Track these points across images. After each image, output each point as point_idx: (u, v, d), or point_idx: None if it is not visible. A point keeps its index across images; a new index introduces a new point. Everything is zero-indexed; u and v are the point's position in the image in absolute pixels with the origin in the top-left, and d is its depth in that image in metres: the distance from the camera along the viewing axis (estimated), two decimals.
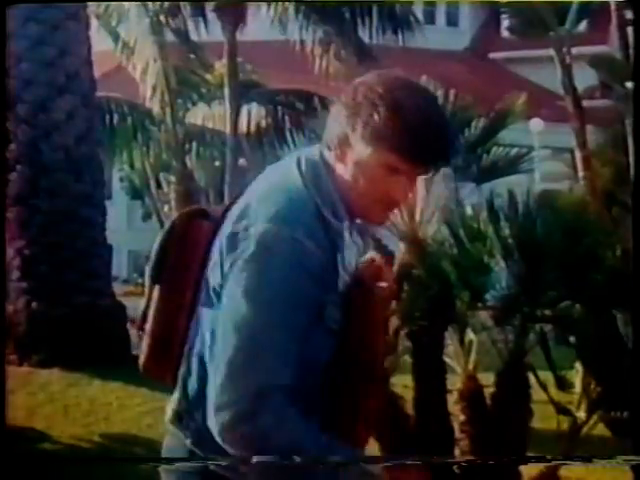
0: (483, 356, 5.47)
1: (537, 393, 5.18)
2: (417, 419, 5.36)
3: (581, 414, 4.99)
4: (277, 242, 1.97)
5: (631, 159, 9.53)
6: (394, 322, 5.40)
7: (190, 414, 2.10)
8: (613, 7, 10.14)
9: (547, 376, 5.20)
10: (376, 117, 2.00)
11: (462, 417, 5.31)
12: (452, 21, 24.99)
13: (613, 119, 10.69)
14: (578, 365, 4.93)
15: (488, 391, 5.39)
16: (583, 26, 17.13)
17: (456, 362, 5.46)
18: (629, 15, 10.18)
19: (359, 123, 2.02)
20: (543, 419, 5.17)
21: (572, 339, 5.07)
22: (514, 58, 22.06)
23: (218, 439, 1.97)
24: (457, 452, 5.21)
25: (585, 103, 11.44)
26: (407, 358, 5.49)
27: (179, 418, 2.14)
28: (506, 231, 5.33)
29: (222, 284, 2.03)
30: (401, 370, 5.46)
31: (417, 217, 6.14)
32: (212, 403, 1.97)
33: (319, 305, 2.01)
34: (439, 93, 6.45)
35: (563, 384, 5.13)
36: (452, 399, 5.40)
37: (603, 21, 12.32)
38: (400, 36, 13.01)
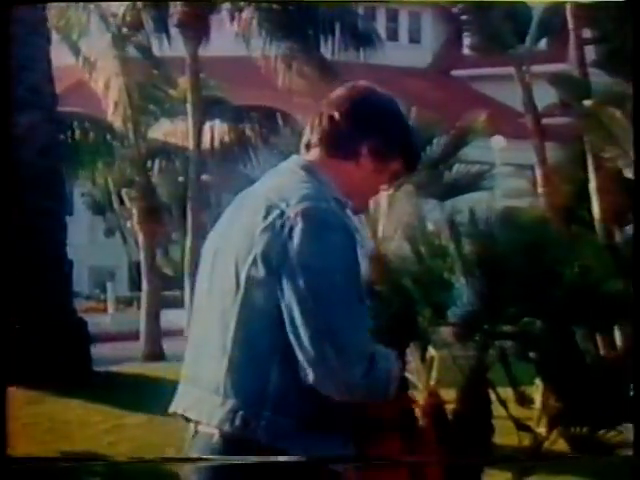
0: (444, 372, 5.49)
1: (498, 409, 5.21)
2: None
3: (541, 430, 5.02)
4: (321, 214, 2.17)
5: (591, 175, 9.65)
6: None
7: (257, 414, 2.15)
8: (571, 26, 10.28)
9: (507, 392, 5.23)
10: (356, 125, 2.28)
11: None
12: (414, 38, 25.20)
13: (572, 136, 10.82)
14: (538, 381, 4.97)
15: (450, 407, 5.41)
16: (543, 44, 17.36)
17: (417, 378, 5.47)
18: (587, 34, 10.32)
19: (360, 135, 2.29)
20: (504, 435, 5.19)
21: (532, 355, 5.11)
22: (476, 75, 22.28)
23: (351, 394, 2.15)
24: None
25: (545, 120, 11.57)
26: None
27: (245, 424, 2.16)
28: (467, 248, 5.36)
29: (274, 270, 2.13)
30: None
31: (379, 233, 6.17)
32: (329, 370, 2.11)
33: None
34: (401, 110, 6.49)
35: (523, 400, 5.16)
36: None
37: (562, 39, 12.46)
38: (362, 53, 13.10)
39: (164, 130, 13.63)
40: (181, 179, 13.78)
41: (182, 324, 12.05)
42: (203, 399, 2.23)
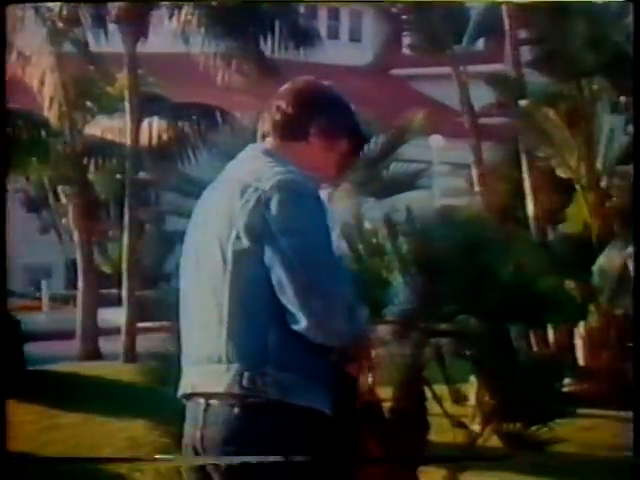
0: (382, 370, 5.52)
1: (434, 406, 5.26)
2: None
3: (475, 427, 5.08)
4: (293, 184, 2.38)
5: (525, 175, 9.76)
6: None
7: (262, 373, 2.33)
8: (508, 27, 10.39)
9: (443, 390, 5.28)
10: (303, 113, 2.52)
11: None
12: (355, 37, 25.26)
13: (508, 136, 10.95)
14: (473, 378, 5.03)
15: (387, 405, 5.44)
16: (480, 45, 17.52)
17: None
18: (523, 34, 10.45)
19: (307, 118, 2.51)
20: (439, 432, 5.24)
21: (468, 352, 5.16)
22: (415, 75, 22.41)
23: (338, 339, 2.33)
24: None
25: (482, 120, 11.68)
26: None
27: (252, 383, 2.33)
28: (404, 246, 5.40)
29: (256, 239, 2.34)
30: None
31: None
32: (328, 319, 2.30)
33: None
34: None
35: (458, 397, 5.22)
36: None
37: (499, 40, 12.59)
38: (302, 51, 13.08)
39: (101, 127, 13.46)
40: (118, 176, 13.64)
41: (119, 322, 11.93)
42: (208, 372, 2.39)
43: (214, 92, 13.10)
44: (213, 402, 2.37)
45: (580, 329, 8.37)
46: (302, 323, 2.31)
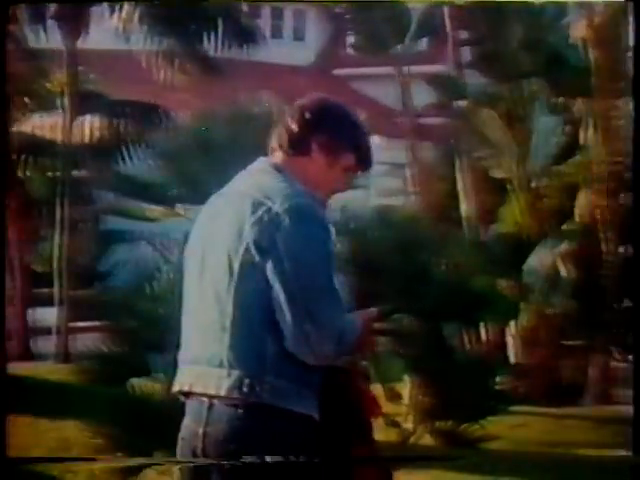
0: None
1: None
2: None
3: (409, 425, 5.11)
4: (304, 210, 2.53)
5: (460, 175, 9.84)
6: None
7: (260, 380, 2.51)
8: (449, 28, 10.48)
9: (377, 388, 5.30)
10: (318, 129, 2.66)
11: None
12: (299, 36, 25.26)
13: (446, 136, 11.03)
14: (407, 377, 5.05)
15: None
16: (423, 45, 17.63)
17: None
18: (464, 35, 10.54)
19: (309, 134, 2.65)
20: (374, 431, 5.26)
21: (402, 351, 5.19)
22: (357, 75, 22.46)
23: (325, 361, 2.48)
24: None
25: (421, 120, 11.75)
26: None
27: (251, 389, 2.51)
28: (339, 245, 5.41)
29: (264, 256, 2.50)
30: None
31: None
32: (322, 341, 2.46)
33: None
34: (282, 108, 6.48)
35: (392, 396, 5.25)
36: None
37: (441, 41, 12.68)
38: (246, 49, 13.03)
39: (37, 124, 13.27)
40: (52, 174, 13.45)
41: (51, 322, 11.77)
42: (207, 374, 2.56)
43: (155, 90, 12.99)
44: (216, 401, 2.53)
45: (512, 328, 8.45)
46: (294, 345, 2.48)
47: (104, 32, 12.67)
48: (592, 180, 9.25)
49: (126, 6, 12.55)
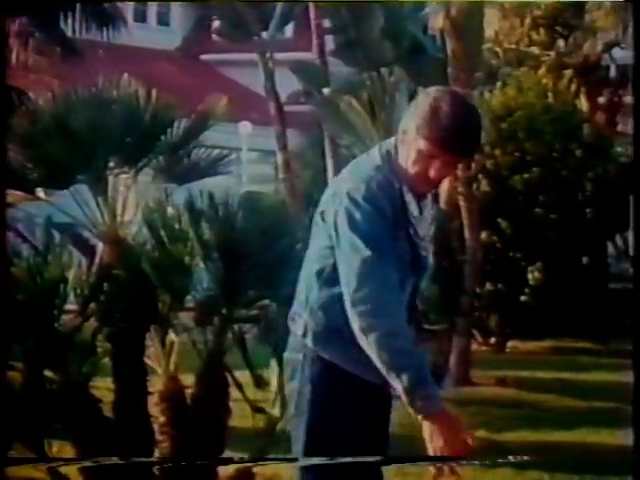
0: (184, 357, 5.49)
1: (235, 392, 5.27)
2: (117, 422, 5.28)
3: (275, 411, 5.13)
4: (359, 195, 2.88)
5: (329, 161, 9.93)
6: (92, 323, 5.30)
7: (300, 315, 3.02)
8: (313, 16, 10.53)
9: (245, 375, 5.30)
10: (426, 118, 2.91)
11: (162, 418, 5.29)
12: (163, 21, 24.88)
13: (313, 123, 11.10)
14: (274, 363, 5.06)
15: (189, 392, 5.41)
16: (289, 33, 17.66)
17: (157, 364, 5.43)
18: (327, 24, 10.61)
19: (416, 121, 2.93)
20: (241, 418, 5.26)
21: (269, 338, 5.20)
22: (224, 61, 22.33)
23: (355, 324, 2.84)
24: (157, 454, 5.19)
25: (288, 107, 11.79)
26: (107, 361, 5.39)
27: (292, 320, 3.07)
28: (207, 232, 5.37)
29: (335, 229, 2.92)
30: (101, 373, 5.36)
31: (118, 217, 6.04)
32: (350, 299, 2.85)
33: (392, 236, 2.90)
34: (141, 92, 6.36)
35: (260, 383, 5.25)
36: (153, 401, 5.37)
37: (306, 28, 12.73)
38: (105, 32, 12.73)
39: None
40: None
41: None
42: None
43: (10, 72, 12.56)
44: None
45: None
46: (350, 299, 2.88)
47: None
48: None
49: None
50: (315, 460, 2.80)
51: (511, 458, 5.63)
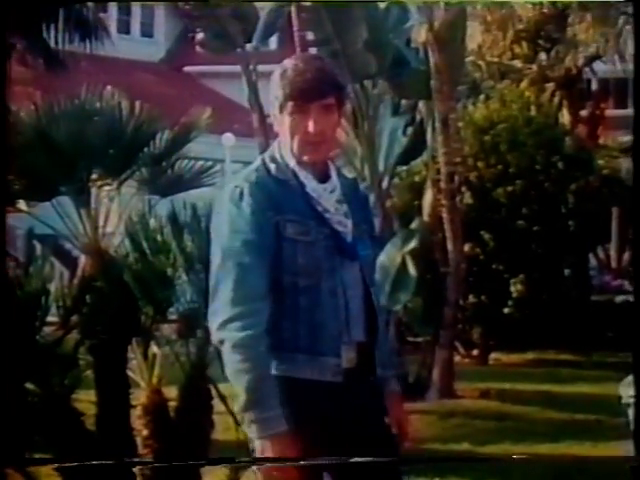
0: (167, 370, 5.46)
1: (219, 405, 5.25)
2: (99, 435, 5.25)
3: None
4: (226, 193, 2.88)
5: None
6: (74, 336, 5.27)
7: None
8: (296, 27, 10.54)
9: (228, 388, 5.26)
10: (278, 84, 2.96)
11: (145, 431, 5.26)
12: (147, 32, 24.88)
13: None
14: None
15: (172, 405, 5.39)
16: (273, 44, 17.68)
17: (140, 376, 5.41)
18: (310, 36, 10.61)
19: (274, 93, 2.97)
20: (225, 430, 5.24)
21: None
22: (208, 72, 22.35)
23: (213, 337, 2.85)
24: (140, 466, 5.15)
25: (270, 119, 11.78)
26: (90, 373, 5.37)
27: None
28: (189, 244, 5.36)
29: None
30: (84, 385, 5.33)
31: (100, 229, 6.02)
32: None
33: (276, 224, 2.80)
34: (124, 103, 6.36)
35: None
36: (136, 414, 5.34)
37: (289, 40, 12.75)
38: (89, 43, 12.72)
39: None
40: None
41: None
42: None
43: None
44: None
45: None
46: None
47: None
48: (437, 180, 9.50)
49: None
50: (317, 460, 2.73)
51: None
